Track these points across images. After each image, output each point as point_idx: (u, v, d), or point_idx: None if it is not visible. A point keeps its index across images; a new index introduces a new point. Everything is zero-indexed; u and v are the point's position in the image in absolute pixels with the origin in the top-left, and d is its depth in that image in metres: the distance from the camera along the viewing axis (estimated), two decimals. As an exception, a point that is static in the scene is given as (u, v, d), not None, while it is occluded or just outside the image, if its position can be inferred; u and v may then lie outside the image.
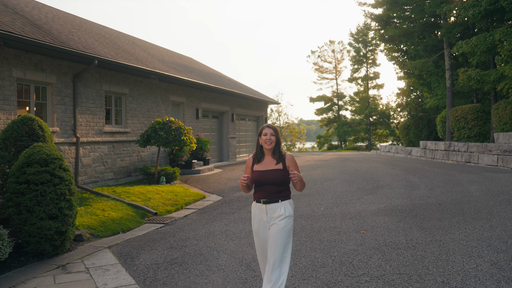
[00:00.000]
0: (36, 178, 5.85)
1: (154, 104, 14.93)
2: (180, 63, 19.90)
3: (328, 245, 6.23)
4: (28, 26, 10.18)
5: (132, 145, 13.65)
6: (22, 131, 7.28)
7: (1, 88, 9.15)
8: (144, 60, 14.88)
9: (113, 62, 11.73)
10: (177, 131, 12.44)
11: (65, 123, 10.95)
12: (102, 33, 16.22)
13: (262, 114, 26.16)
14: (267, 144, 3.99)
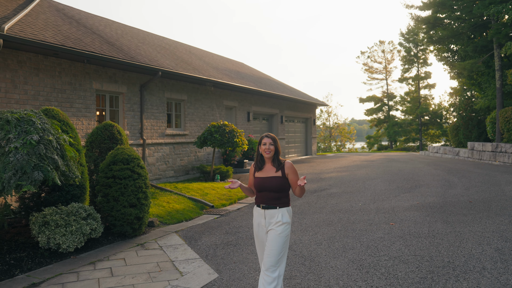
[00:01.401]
0: (120, 174, 7.30)
1: (209, 108, 16.37)
2: (232, 69, 21.31)
3: (359, 233, 7.27)
4: (104, 45, 11.84)
5: (190, 146, 15.14)
6: (104, 135, 8.82)
7: (84, 98, 10.83)
8: (200, 68, 16.35)
9: (174, 72, 13.24)
10: (231, 134, 13.76)
11: (134, 127, 12.55)
12: (162, 44, 17.89)
13: (310, 115, 27.13)
14: (266, 153, 4.18)
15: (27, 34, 9.04)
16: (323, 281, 5.09)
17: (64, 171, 5.71)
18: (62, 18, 12.79)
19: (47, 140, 5.58)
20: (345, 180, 14.04)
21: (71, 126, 7.56)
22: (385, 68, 50.48)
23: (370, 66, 51.13)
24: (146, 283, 5.25)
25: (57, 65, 10.18)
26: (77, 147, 7.05)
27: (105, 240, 7.17)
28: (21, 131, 5.44)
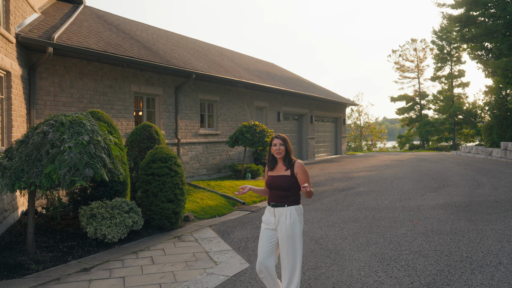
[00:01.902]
0: (159, 171, 7.89)
1: (240, 109, 16.90)
2: (263, 70, 21.79)
3: (383, 229, 7.62)
4: (142, 50, 12.52)
5: (222, 146, 15.71)
6: (143, 135, 9.46)
7: (123, 100, 11.53)
8: (231, 70, 16.90)
9: (207, 75, 13.82)
10: (261, 134, 14.25)
11: (169, 127, 13.20)
12: (195, 47, 18.54)
13: (340, 115, 27.33)
14: (277, 154, 4.30)
15: (73, 42, 9.77)
16: (346, 272, 5.50)
17: (111, 168, 6.31)
18: (103, 24, 13.57)
19: (96, 140, 6.20)
20: (373, 179, 14.30)
21: (114, 127, 8.21)
22: (417, 66, 49.90)
23: (402, 65, 50.63)
24: (184, 271, 5.79)
25: (99, 70, 10.90)
26: (120, 146, 7.66)
27: (145, 232, 7.78)
28: (73, 132, 6.07)
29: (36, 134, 6.13)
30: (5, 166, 5.95)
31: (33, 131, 6.32)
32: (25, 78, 9.04)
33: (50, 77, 9.75)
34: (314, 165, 20.13)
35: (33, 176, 5.82)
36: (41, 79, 9.58)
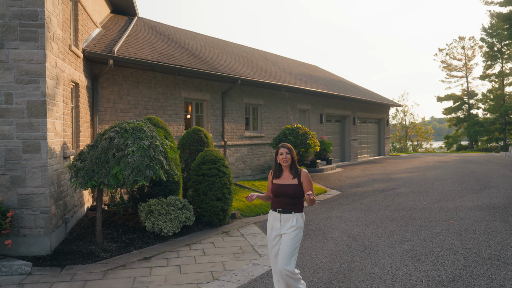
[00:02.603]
0: (209, 172, 8.66)
1: (283, 112, 17.53)
2: (305, 73, 22.32)
3: (418, 228, 8.04)
4: (191, 58, 13.41)
5: (266, 147, 16.40)
6: (194, 139, 10.27)
7: (174, 106, 12.44)
8: (275, 74, 17.56)
9: (252, 80, 14.54)
10: (304, 136, 14.82)
11: (216, 130, 14.02)
12: (240, 53, 19.34)
13: (383, 116, 27.39)
14: (283, 162, 4.51)
15: (131, 54, 10.74)
16: (379, 265, 6.02)
17: (167, 169, 7.12)
18: (155, 35, 14.58)
19: (155, 145, 7.02)
20: (414, 181, 14.54)
21: (169, 131, 9.06)
22: (465, 65, 48.71)
23: (449, 64, 49.58)
24: (232, 261, 6.49)
25: (153, 78, 11.85)
26: (174, 149, 8.48)
27: (196, 228, 8.56)
28: (136, 137, 6.92)
29: (104, 139, 7.03)
30: (79, 168, 6.88)
31: (101, 136, 7.22)
32: (89, 88, 10.07)
33: (110, 86, 10.76)
34: (356, 166, 20.45)
35: (102, 176, 6.71)
36: (102, 88, 10.60)
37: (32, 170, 6.70)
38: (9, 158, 6.65)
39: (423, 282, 5.30)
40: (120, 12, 15.63)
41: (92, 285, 5.62)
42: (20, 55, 6.64)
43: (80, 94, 9.12)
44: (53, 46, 7.14)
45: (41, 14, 6.70)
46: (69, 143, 8.20)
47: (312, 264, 6.19)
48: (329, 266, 6.07)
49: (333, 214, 9.76)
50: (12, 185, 6.67)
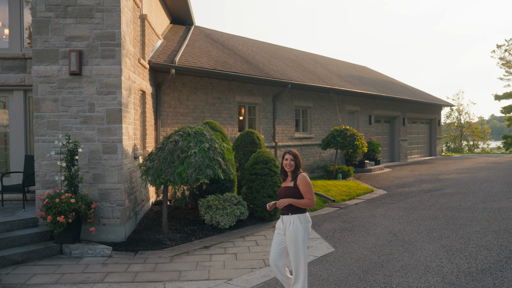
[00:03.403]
0: (261, 172, 9.50)
1: (332, 113, 18.11)
2: (354, 75, 22.71)
3: (458, 227, 8.49)
4: (244, 64, 14.32)
5: (315, 148, 17.06)
6: (247, 141, 11.16)
7: (229, 109, 13.39)
8: (324, 77, 18.17)
9: (301, 84, 15.26)
10: (351, 137, 15.36)
11: (267, 132, 14.86)
12: (291, 56, 20.08)
13: (435, 116, 27.20)
14: (287, 168, 4.76)
15: (190, 63, 11.78)
16: (415, 258, 6.61)
17: (225, 169, 8.03)
18: (211, 43, 15.62)
19: (214, 147, 7.95)
20: (462, 182, 14.72)
21: (225, 134, 9.99)
22: (526, 62, 46.74)
23: (508, 61, 47.77)
24: (281, 251, 7.29)
25: (209, 84, 12.85)
26: (230, 150, 9.39)
27: (249, 222, 9.43)
28: (197, 140, 7.87)
29: (170, 142, 8.03)
30: (149, 167, 7.93)
31: (167, 139, 8.24)
32: (153, 94, 11.19)
33: (171, 92, 11.86)
34: (405, 166, 20.65)
35: (168, 174, 7.71)
36: (164, 94, 11.71)
37: (110, 168, 7.81)
38: (92, 158, 7.79)
39: (453, 273, 5.86)
40: (179, 22, 16.82)
41: (162, 267, 6.60)
42: (101, 71, 7.76)
43: (146, 101, 10.23)
44: (127, 61, 8.23)
45: (118, 35, 7.79)
46: (138, 145, 9.30)
47: (353, 255, 6.88)
48: (369, 257, 6.73)
49: (377, 212, 10.33)
50: (94, 181, 7.81)
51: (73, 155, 7.36)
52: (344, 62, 26.30)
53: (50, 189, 7.75)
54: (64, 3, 7.77)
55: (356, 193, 13.20)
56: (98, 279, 6.11)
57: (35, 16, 7.76)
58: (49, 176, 7.79)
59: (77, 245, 7.35)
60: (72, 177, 7.35)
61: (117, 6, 7.79)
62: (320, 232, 8.54)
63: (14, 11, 9.21)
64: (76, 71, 7.68)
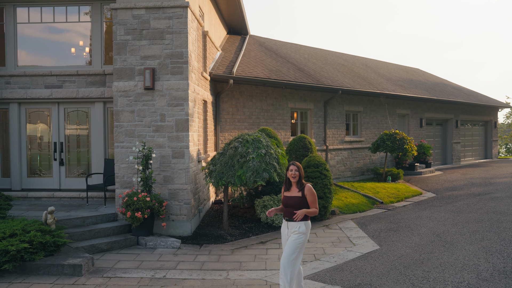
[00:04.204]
0: (312, 175, 10.30)
1: (382, 117, 18.53)
2: (405, 78, 22.90)
3: (501, 230, 8.89)
4: (297, 72, 15.14)
5: (365, 151, 17.58)
6: (299, 145, 11.98)
7: (282, 115, 14.26)
8: (374, 82, 18.63)
9: (352, 90, 15.87)
10: (401, 141, 15.78)
11: (319, 136, 15.59)
12: (341, 62, 20.66)
13: (490, 118, 26.74)
14: (292, 178, 5.20)
15: (246, 73, 12.75)
16: (454, 256, 7.19)
17: (279, 172, 8.90)
18: (264, 52, 16.56)
19: (269, 153, 8.84)
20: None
21: (279, 140, 10.87)
22: None
23: None
24: (331, 247, 8.07)
25: (263, 92, 13.77)
26: (284, 155, 10.25)
27: (301, 221, 10.24)
28: (255, 147, 8.79)
29: (230, 148, 9.01)
30: (212, 170, 8.95)
31: (227, 146, 9.22)
32: (213, 103, 12.26)
33: (229, 100, 12.89)
34: (457, 169, 20.66)
35: (229, 177, 8.68)
36: (223, 102, 12.75)
37: (178, 171, 8.89)
38: (163, 162, 8.91)
39: (488, 271, 6.42)
40: (234, 33, 17.89)
41: (225, 258, 7.56)
42: (171, 85, 8.86)
43: (207, 109, 11.30)
44: (192, 76, 9.30)
45: (185, 54, 8.86)
46: (201, 150, 10.37)
47: (396, 253, 7.54)
48: (410, 255, 7.38)
49: (423, 214, 10.83)
50: (164, 182, 8.93)
51: (147, 160, 8.49)
52: (395, 65, 26.45)
53: (128, 188, 8.95)
54: (140, 27, 8.94)
55: (404, 196, 13.67)
56: (172, 266, 7.17)
57: (116, 39, 8.98)
58: (126, 178, 8.99)
59: (151, 237, 8.48)
60: (147, 179, 8.49)
61: (185, 28, 8.87)
62: (366, 232, 9.23)
63: (96, 34, 10.53)
64: (150, 86, 8.83)
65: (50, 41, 10.73)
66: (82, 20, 10.63)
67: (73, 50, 10.77)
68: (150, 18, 8.93)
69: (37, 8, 10.64)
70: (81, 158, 10.74)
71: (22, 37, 10.73)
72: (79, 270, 6.78)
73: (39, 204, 9.91)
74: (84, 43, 10.76)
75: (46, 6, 10.61)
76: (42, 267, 6.85)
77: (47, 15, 10.64)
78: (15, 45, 10.67)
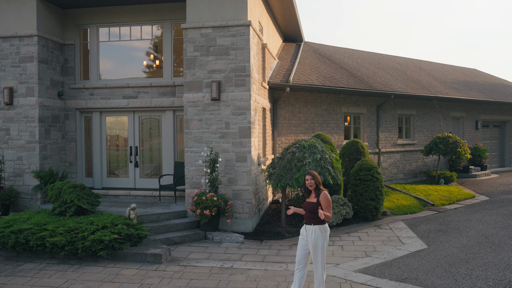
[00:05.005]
0: (364, 177, 10.97)
1: (436, 120, 18.72)
2: (461, 80, 22.80)
3: (551, 233, 9.20)
4: (350, 78, 15.77)
5: (418, 154, 17.89)
6: (352, 149, 12.65)
7: (335, 120, 14.96)
8: (427, 85, 18.85)
9: (404, 94, 16.27)
10: (454, 144, 16.01)
11: (371, 139, 16.13)
12: (394, 65, 20.98)
13: (553, 120, 25.91)
14: (309, 186, 5.77)
15: (301, 81, 13.57)
16: (499, 257, 7.68)
17: (333, 175, 9.68)
18: (318, 58, 17.29)
19: (324, 157, 9.64)
20: None
21: (333, 145, 11.62)
22: None
23: None
24: (380, 246, 8.75)
25: (318, 98, 14.53)
26: (337, 159, 10.99)
27: (353, 221, 10.95)
28: (311, 152, 9.62)
29: (288, 153, 9.89)
30: (271, 173, 9.87)
31: (286, 151, 10.10)
32: (271, 109, 13.18)
33: (285, 106, 13.76)
34: (515, 172, 20.40)
35: (287, 179, 9.56)
36: (280, 108, 13.64)
37: (241, 174, 9.88)
38: (227, 165, 9.93)
39: (530, 270, 6.91)
40: (290, 40, 18.74)
41: (284, 252, 8.45)
42: (234, 96, 9.86)
43: (266, 116, 12.23)
44: (253, 87, 10.25)
45: (247, 67, 9.83)
46: (260, 154, 11.31)
47: (443, 252, 8.12)
48: (456, 255, 7.94)
49: (474, 217, 11.21)
50: (229, 183, 9.95)
51: (214, 163, 9.54)
52: (450, 66, 26.26)
53: (196, 189, 10.04)
54: (207, 45, 10.01)
55: (456, 198, 13.97)
56: (237, 258, 8.14)
57: (186, 55, 10.10)
58: (195, 179, 10.09)
59: (217, 233, 9.52)
60: (213, 180, 9.53)
61: (247, 44, 9.83)
62: (416, 232, 9.80)
63: (166, 49, 11.74)
64: (216, 97, 9.87)
65: (126, 56, 12.07)
66: (155, 37, 11.87)
67: (145, 63, 12.04)
68: (216, 36, 9.98)
69: (116, 28, 12.01)
70: (153, 161, 12.00)
71: (103, 53, 12.13)
72: (159, 259, 7.91)
73: (118, 201, 11.24)
74: (155, 57, 12.01)
75: (124, 26, 11.95)
76: (128, 255, 8.04)
77: (124, 33, 11.97)
78: (98, 61, 12.09)
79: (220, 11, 10.01)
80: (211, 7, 10.03)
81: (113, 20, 11.89)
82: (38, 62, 10.99)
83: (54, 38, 11.59)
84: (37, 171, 10.95)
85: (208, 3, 10.05)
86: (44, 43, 11.23)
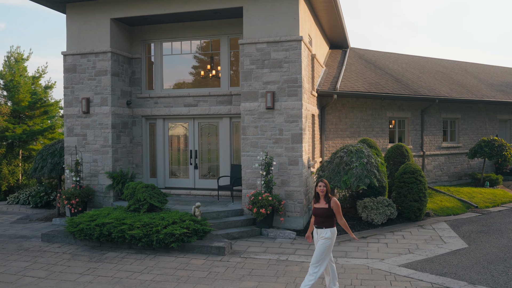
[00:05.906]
0: (408, 180, 11.66)
1: (481, 123, 18.95)
2: (509, 82, 22.72)
3: None
4: (395, 84, 16.37)
5: (463, 156, 18.21)
6: (397, 153, 13.33)
7: (380, 124, 15.63)
8: (473, 89, 19.09)
9: (449, 98, 16.69)
10: (499, 148, 16.28)
11: (415, 143, 16.66)
12: (439, 69, 21.28)
13: None
14: (321, 193, 6.34)
15: (348, 87, 14.35)
16: (536, 256, 8.26)
17: (379, 178, 10.46)
18: (364, 64, 17.96)
19: (370, 162, 10.44)
20: None
21: (378, 149, 12.36)
22: None
23: None
24: (423, 244, 9.47)
25: (363, 103, 15.26)
26: (382, 163, 11.73)
27: (397, 221, 11.65)
28: (357, 156, 10.44)
29: (337, 157, 10.75)
30: (321, 175, 10.76)
31: (334, 155, 10.97)
32: (319, 115, 14.05)
33: (332, 112, 14.59)
34: None
35: (336, 181, 10.43)
36: (327, 114, 14.48)
37: (293, 176, 10.83)
38: (280, 168, 10.91)
39: None
40: (336, 47, 19.50)
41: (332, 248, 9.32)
42: (287, 106, 10.82)
43: (314, 121, 13.12)
44: (304, 96, 11.17)
45: (299, 79, 10.76)
46: (310, 157, 12.21)
47: (483, 251, 8.76)
48: (495, 254, 8.56)
49: (516, 219, 11.66)
50: (281, 185, 10.92)
51: (269, 166, 10.53)
52: (498, 67, 26.09)
53: (252, 189, 11.08)
54: (262, 58, 11.02)
55: (501, 201, 14.33)
56: (291, 252, 9.11)
57: (243, 68, 11.16)
58: (251, 180, 11.13)
59: (271, 229, 10.51)
60: (268, 182, 10.53)
61: (299, 58, 10.77)
62: (458, 232, 10.43)
63: (224, 61, 12.84)
64: (271, 107, 10.87)
65: (187, 68, 13.28)
66: (213, 50, 13.02)
67: (202, 73, 13.21)
68: (270, 50, 10.97)
69: (177, 42, 13.24)
70: (210, 163, 13.16)
71: (166, 65, 13.41)
72: (222, 251, 8.99)
73: (180, 200, 12.46)
74: (213, 69, 13.15)
75: (185, 40, 13.17)
76: (196, 247, 9.18)
77: (185, 48, 13.19)
78: (161, 72, 13.37)
79: (274, 28, 11.00)
80: (265, 24, 11.04)
81: (175, 35, 13.12)
82: (111, 75, 12.38)
83: (124, 53, 12.96)
84: (110, 172, 12.34)
85: (263, 20, 11.06)
86: (116, 58, 12.61)
